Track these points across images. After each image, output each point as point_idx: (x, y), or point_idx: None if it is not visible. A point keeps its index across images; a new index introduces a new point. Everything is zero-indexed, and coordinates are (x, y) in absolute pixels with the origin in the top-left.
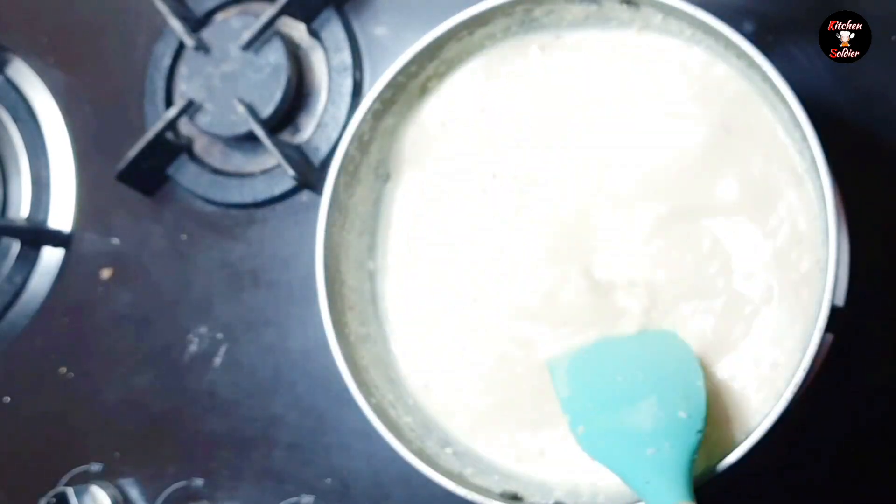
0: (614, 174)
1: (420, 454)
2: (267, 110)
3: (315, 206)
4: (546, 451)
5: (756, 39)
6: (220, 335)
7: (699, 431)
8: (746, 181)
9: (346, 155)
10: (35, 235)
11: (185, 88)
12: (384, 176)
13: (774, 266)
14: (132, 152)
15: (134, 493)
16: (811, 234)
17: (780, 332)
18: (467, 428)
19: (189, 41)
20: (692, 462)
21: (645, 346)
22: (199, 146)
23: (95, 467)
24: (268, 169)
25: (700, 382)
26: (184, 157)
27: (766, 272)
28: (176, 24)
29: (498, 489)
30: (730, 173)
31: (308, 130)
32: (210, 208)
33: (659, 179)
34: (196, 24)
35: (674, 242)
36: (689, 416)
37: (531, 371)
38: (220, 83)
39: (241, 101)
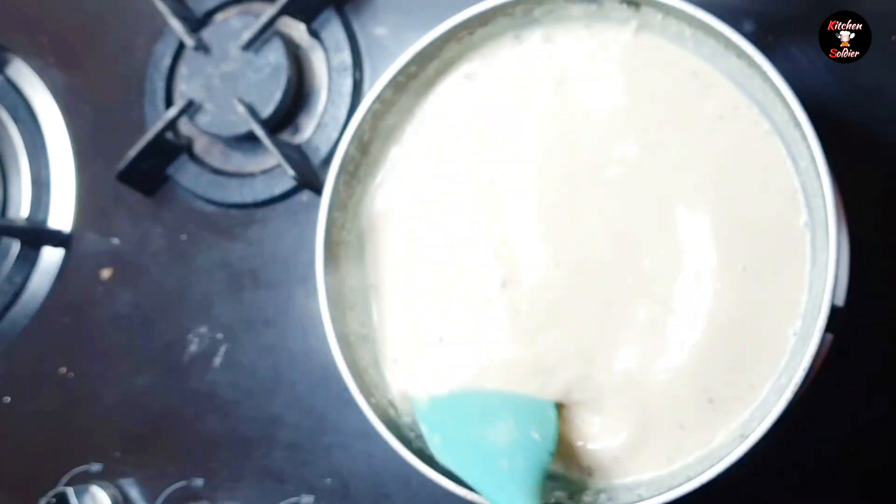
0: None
1: (420, 454)
2: (267, 110)
3: (315, 206)
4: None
5: (756, 39)
6: (220, 335)
7: (550, 453)
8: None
9: (347, 155)
10: (35, 235)
11: (185, 88)
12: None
13: None
14: (132, 152)
15: (134, 493)
16: None
17: None
18: None
19: (189, 41)
20: (542, 479)
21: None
22: (199, 146)
23: (95, 467)
24: (268, 169)
25: (552, 413)
26: (184, 157)
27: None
28: (176, 24)
29: None
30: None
31: (308, 130)
32: (210, 208)
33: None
34: (196, 24)
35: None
36: (542, 439)
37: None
38: (220, 83)
39: (241, 101)
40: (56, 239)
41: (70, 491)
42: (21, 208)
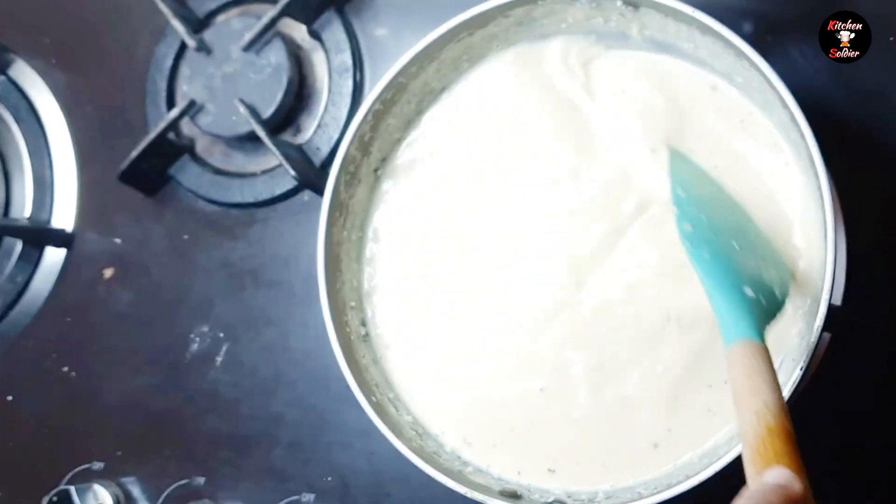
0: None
1: (420, 452)
2: (268, 111)
3: (316, 206)
4: (556, 469)
5: (755, 40)
6: (221, 334)
7: (779, 313)
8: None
9: (347, 155)
10: (37, 235)
11: (186, 89)
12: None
13: None
14: (134, 153)
15: (136, 491)
16: None
17: None
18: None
19: (191, 42)
20: (765, 329)
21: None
22: (201, 146)
23: (97, 466)
24: (269, 169)
25: (790, 279)
26: (185, 158)
27: None
28: (178, 25)
29: (497, 487)
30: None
31: (309, 131)
32: (211, 208)
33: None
34: (198, 25)
35: None
36: (780, 298)
37: (533, 391)
38: (222, 84)
39: (243, 101)
40: (58, 239)
41: (72, 489)
42: (23, 208)
